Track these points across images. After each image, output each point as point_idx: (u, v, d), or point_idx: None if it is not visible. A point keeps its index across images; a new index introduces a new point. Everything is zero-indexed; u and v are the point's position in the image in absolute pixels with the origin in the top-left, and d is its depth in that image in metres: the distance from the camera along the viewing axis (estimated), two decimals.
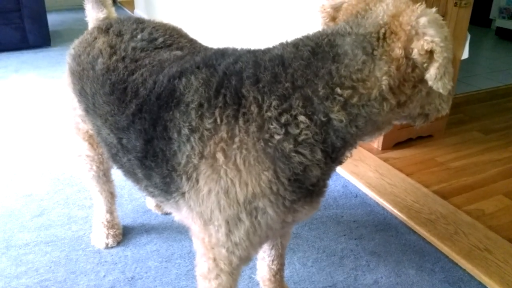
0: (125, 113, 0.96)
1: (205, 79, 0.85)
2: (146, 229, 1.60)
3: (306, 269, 1.44)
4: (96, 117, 1.08)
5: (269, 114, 0.78)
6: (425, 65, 0.73)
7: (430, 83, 0.73)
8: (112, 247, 1.51)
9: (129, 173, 1.05)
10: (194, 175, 0.85)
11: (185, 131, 0.85)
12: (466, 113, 2.64)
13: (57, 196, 1.80)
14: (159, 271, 1.42)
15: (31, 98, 2.87)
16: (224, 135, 0.80)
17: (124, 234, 1.58)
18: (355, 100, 0.76)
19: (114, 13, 1.33)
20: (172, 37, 1.10)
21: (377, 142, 2.16)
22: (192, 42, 1.12)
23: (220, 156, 0.81)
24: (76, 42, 1.23)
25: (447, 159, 2.11)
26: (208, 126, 0.82)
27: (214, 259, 0.93)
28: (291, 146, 0.78)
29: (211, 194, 0.84)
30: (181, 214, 0.96)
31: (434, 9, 0.77)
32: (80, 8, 1.36)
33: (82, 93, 1.12)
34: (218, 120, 0.81)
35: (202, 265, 0.96)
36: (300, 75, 0.77)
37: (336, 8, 0.87)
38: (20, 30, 3.88)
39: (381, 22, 0.75)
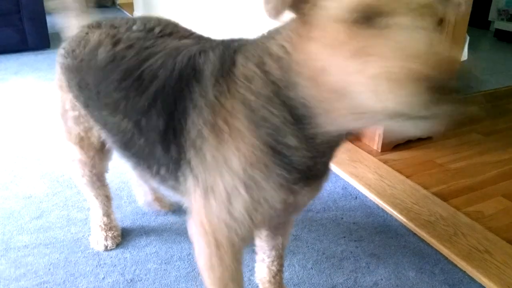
0: (144, 95, 0.98)
1: (221, 54, 0.90)
2: (145, 231, 1.60)
3: (306, 271, 1.43)
4: (102, 106, 1.08)
5: (248, 79, 0.83)
6: None
7: None
8: (111, 249, 1.51)
9: (143, 157, 1.05)
10: (202, 146, 0.89)
11: (201, 103, 0.88)
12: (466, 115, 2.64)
13: (56, 198, 1.80)
14: (159, 273, 1.42)
15: (31, 100, 2.87)
16: (229, 104, 0.85)
17: (123, 236, 1.57)
18: (289, 59, 0.80)
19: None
20: (168, 27, 1.11)
21: (376, 144, 2.16)
22: (192, 33, 1.13)
23: (224, 126, 0.85)
24: (65, 43, 1.23)
25: (446, 160, 2.11)
26: (217, 93, 0.86)
27: (215, 239, 0.93)
28: (258, 100, 0.82)
29: (215, 165, 0.87)
30: (187, 188, 0.96)
31: None
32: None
33: (81, 85, 1.12)
34: (225, 88, 0.86)
35: (202, 247, 0.96)
36: (263, 39, 0.85)
37: None
38: (19, 32, 3.88)
39: None
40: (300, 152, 0.83)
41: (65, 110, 1.28)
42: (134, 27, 1.10)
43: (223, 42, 0.96)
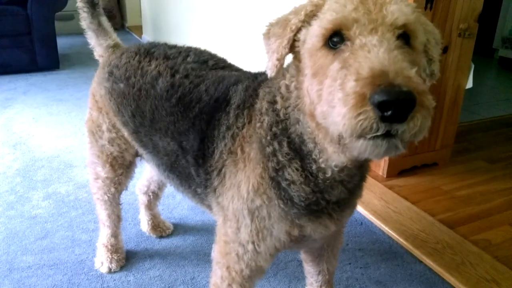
0: (187, 117, 1.04)
1: (247, 85, 0.98)
2: (149, 254, 1.59)
3: None
4: (153, 132, 1.13)
5: (263, 113, 0.90)
6: None
7: None
8: (115, 272, 1.50)
9: (185, 177, 1.10)
10: (223, 170, 0.95)
11: (223, 128, 0.96)
12: (471, 142, 2.64)
13: (62, 219, 1.80)
14: None
15: (39, 120, 2.90)
16: (245, 132, 0.92)
17: (127, 259, 1.56)
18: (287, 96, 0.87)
19: (117, 39, 1.41)
20: (221, 61, 1.19)
21: (381, 170, 2.16)
22: (237, 68, 1.21)
23: (239, 151, 0.92)
24: (108, 66, 1.26)
25: (452, 187, 2.10)
26: (239, 124, 0.94)
27: (227, 267, 0.98)
28: (266, 134, 0.88)
29: (230, 190, 0.93)
30: (213, 213, 1.04)
31: None
32: None
33: (136, 113, 1.16)
34: (246, 120, 0.93)
35: (216, 273, 1.02)
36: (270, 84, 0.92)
37: None
38: (29, 52, 3.95)
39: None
40: (299, 187, 0.86)
41: (101, 131, 1.31)
42: (189, 59, 1.16)
43: (252, 74, 1.03)
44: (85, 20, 1.35)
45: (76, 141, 2.56)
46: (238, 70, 1.18)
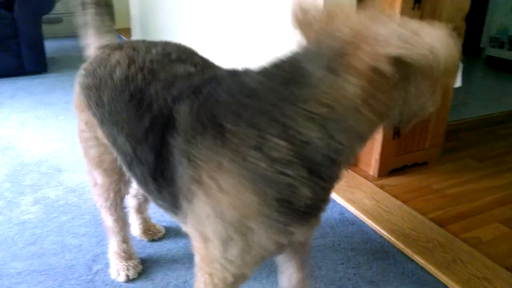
0: (140, 125, 1.00)
1: (191, 106, 0.90)
2: (140, 258, 1.58)
3: None
4: (112, 125, 1.10)
5: (250, 142, 0.80)
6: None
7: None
8: (133, 279, 1.47)
9: (142, 183, 1.08)
10: (191, 197, 0.90)
11: (178, 156, 0.90)
12: (460, 141, 2.66)
13: (51, 224, 1.77)
14: None
15: (26, 124, 2.86)
16: (213, 163, 0.84)
17: None
18: (330, 116, 0.77)
19: (115, 40, 1.36)
20: (185, 53, 1.14)
21: (372, 169, 2.17)
22: (203, 60, 1.15)
23: (210, 181, 0.85)
24: (86, 64, 1.25)
25: (442, 186, 2.11)
26: (195, 152, 0.86)
27: (210, 274, 0.96)
28: (271, 167, 0.79)
29: (205, 216, 0.88)
30: (187, 228, 1.00)
31: (380, 10, 0.77)
32: (77, 36, 1.39)
33: (99, 103, 1.14)
34: (202, 147, 0.85)
35: (199, 279, 1.00)
36: (274, 104, 0.79)
37: (304, 13, 0.85)
38: (16, 56, 3.90)
39: (342, 39, 0.75)
40: (307, 197, 0.83)
41: (81, 130, 1.29)
42: (153, 50, 1.13)
43: (196, 89, 0.94)
44: (87, 17, 1.33)
45: (64, 145, 2.54)
46: (201, 60, 1.13)
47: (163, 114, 0.96)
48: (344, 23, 0.76)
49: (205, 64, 1.12)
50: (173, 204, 0.98)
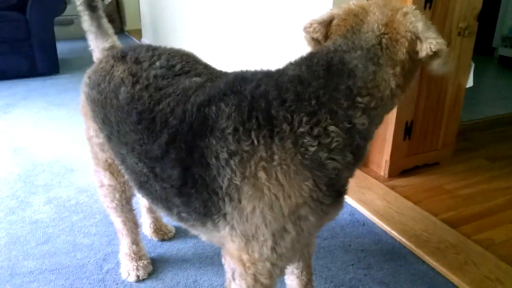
0: (156, 143, 0.99)
1: (236, 105, 0.90)
2: (150, 257, 1.58)
3: None
4: (121, 145, 1.09)
5: (301, 129, 0.85)
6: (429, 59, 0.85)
7: (435, 69, 0.86)
8: (143, 279, 1.48)
9: (160, 200, 1.06)
10: (237, 195, 0.90)
11: (224, 155, 0.89)
12: (472, 141, 2.64)
13: (63, 223, 1.79)
14: None
15: (39, 125, 2.89)
16: (264, 154, 0.86)
17: None
18: (373, 104, 0.86)
19: (117, 42, 1.37)
20: (188, 64, 1.13)
21: (383, 170, 2.15)
22: (207, 67, 1.15)
23: (262, 174, 0.87)
24: (90, 70, 1.24)
25: (454, 187, 2.09)
26: (246, 148, 0.87)
27: (254, 276, 0.96)
28: (326, 154, 0.86)
29: (255, 211, 0.89)
30: (218, 235, 0.99)
31: (414, 7, 0.88)
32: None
33: (105, 121, 1.14)
34: (255, 142, 0.87)
35: (238, 284, 0.99)
36: (322, 92, 0.85)
37: (325, 25, 0.95)
38: (29, 58, 3.95)
39: (378, 33, 0.86)
40: (346, 177, 0.93)
41: (90, 136, 1.30)
42: (157, 63, 1.11)
43: (233, 89, 0.94)
44: (85, 23, 1.34)
45: (76, 146, 2.56)
46: (205, 68, 1.13)
47: (189, 124, 0.94)
48: (376, 19, 0.86)
49: (209, 72, 1.12)
50: (204, 212, 0.96)
